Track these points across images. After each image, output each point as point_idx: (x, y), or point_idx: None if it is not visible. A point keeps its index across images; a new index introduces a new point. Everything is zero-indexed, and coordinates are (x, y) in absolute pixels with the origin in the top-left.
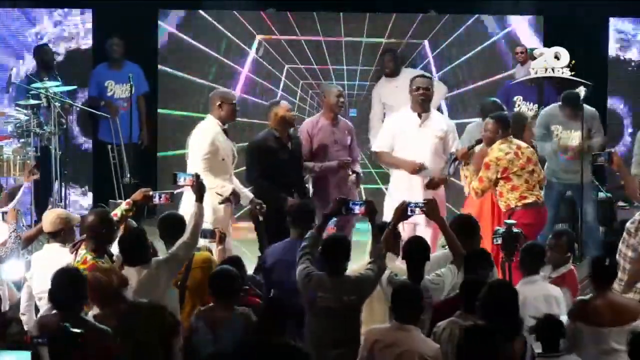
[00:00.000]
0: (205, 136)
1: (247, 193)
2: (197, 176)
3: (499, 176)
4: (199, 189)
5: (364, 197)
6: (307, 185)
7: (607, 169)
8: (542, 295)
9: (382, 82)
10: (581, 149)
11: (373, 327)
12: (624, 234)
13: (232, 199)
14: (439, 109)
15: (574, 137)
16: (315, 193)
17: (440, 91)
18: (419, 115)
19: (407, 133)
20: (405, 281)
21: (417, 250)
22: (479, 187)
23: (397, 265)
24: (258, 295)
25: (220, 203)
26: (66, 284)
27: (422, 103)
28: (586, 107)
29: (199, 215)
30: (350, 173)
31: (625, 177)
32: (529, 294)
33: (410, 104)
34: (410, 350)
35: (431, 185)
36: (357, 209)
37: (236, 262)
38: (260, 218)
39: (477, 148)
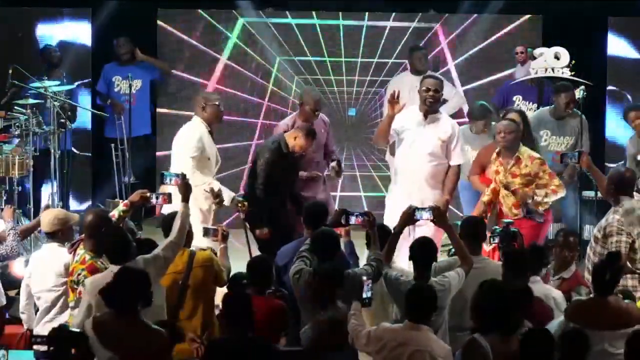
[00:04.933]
0: (192, 135)
1: (229, 192)
2: (183, 176)
3: None
4: (185, 189)
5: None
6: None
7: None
8: (543, 295)
9: (403, 75)
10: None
11: (385, 325)
12: (591, 241)
13: (216, 195)
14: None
15: (563, 143)
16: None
17: (456, 101)
18: (425, 115)
19: (410, 130)
20: (420, 282)
21: (424, 251)
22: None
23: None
24: (284, 296)
25: (215, 203)
26: (128, 283)
27: (430, 105)
28: (576, 112)
29: (185, 215)
30: (330, 164)
31: (596, 176)
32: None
33: (419, 104)
34: (421, 350)
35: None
36: (354, 220)
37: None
38: (242, 216)
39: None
